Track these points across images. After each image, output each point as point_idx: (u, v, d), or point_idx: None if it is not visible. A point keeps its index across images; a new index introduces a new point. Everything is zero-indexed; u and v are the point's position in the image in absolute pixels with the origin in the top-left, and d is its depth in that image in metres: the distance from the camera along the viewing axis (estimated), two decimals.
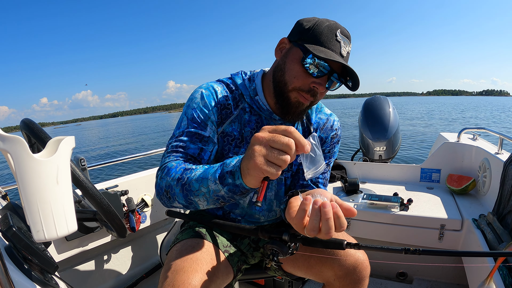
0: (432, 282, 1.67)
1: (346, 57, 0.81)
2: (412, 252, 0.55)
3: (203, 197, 0.70)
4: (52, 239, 0.43)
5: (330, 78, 0.81)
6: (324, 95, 0.86)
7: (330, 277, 0.91)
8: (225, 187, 0.66)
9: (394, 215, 1.58)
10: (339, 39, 0.79)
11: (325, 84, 0.81)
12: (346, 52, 0.80)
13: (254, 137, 0.58)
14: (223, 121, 0.91)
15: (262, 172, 0.56)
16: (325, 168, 1.01)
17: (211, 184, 0.68)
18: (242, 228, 0.87)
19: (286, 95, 0.85)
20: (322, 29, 0.79)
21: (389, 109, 2.46)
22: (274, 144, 0.56)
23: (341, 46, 0.79)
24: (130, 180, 1.60)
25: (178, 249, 0.88)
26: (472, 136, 2.12)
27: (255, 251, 1.06)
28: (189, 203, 0.74)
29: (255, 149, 0.57)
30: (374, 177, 2.16)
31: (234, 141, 0.93)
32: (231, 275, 0.94)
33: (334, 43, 0.78)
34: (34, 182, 0.40)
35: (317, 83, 0.80)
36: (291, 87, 0.83)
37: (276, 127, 0.59)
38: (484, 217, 1.38)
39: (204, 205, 0.73)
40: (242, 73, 0.96)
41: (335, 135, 1.02)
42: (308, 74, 0.80)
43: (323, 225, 0.57)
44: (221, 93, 0.92)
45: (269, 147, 0.56)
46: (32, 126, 0.83)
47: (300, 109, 0.87)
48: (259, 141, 0.57)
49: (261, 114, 0.93)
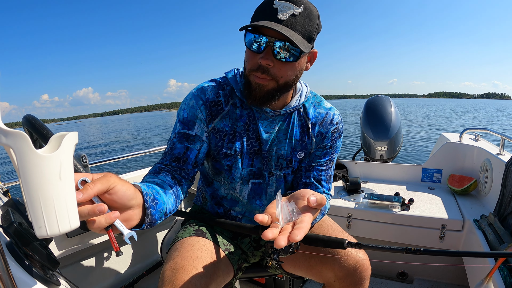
0: (432, 283, 1.67)
1: (290, 20, 0.75)
2: (414, 252, 0.55)
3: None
4: (55, 235, 0.43)
5: (275, 47, 0.77)
6: (285, 70, 0.80)
7: (331, 278, 0.91)
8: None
9: (395, 215, 1.58)
10: (276, 6, 0.75)
11: (271, 57, 0.77)
12: (288, 15, 0.75)
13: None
14: (214, 117, 0.91)
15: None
16: (327, 165, 1.01)
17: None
18: (243, 227, 0.87)
19: (248, 80, 0.84)
20: (261, 4, 0.78)
21: (391, 109, 2.45)
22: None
23: (279, 11, 0.75)
24: (132, 177, 1.60)
25: (178, 248, 0.88)
26: (474, 137, 2.11)
27: (256, 250, 1.06)
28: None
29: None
30: (375, 176, 2.16)
31: (227, 137, 0.93)
32: (231, 273, 0.94)
33: (269, 11, 0.75)
34: (36, 178, 0.40)
35: (261, 57, 0.77)
36: (247, 71, 0.83)
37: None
38: (485, 218, 1.37)
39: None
40: (235, 70, 0.97)
41: (336, 130, 0.99)
42: (253, 52, 0.79)
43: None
44: (211, 91, 0.92)
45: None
46: (34, 122, 0.83)
47: (262, 91, 0.83)
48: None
49: (252, 108, 0.92)
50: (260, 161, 0.96)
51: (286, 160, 0.97)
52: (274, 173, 0.98)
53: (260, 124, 0.93)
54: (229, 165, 0.95)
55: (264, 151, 0.95)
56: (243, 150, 0.94)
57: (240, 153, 0.94)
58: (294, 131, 0.96)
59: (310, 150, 0.99)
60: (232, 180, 0.97)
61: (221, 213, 1.04)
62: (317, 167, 0.99)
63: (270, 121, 0.94)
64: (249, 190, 0.99)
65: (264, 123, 0.93)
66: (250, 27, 0.76)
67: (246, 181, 0.97)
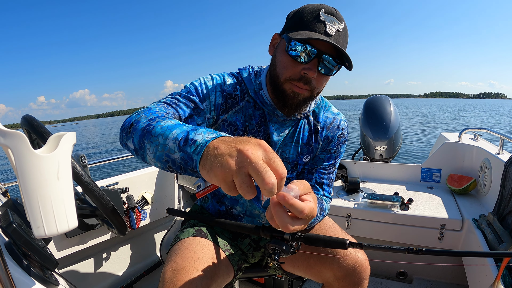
0: (432, 282, 1.67)
1: (336, 35, 0.76)
2: (415, 252, 0.55)
3: (155, 147, 0.60)
4: (53, 235, 0.42)
5: (321, 61, 0.78)
6: (322, 82, 0.83)
7: (330, 278, 0.91)
8: (180, 152, 0.55)
9: (395, 215, 1.58)
10: (323, 19, 0.75)
11: (316, 68, 0.78)
12: (335, 31, 0.76)
13: (249, 151, 0.45)
14: (228, 109, 0.91)
15: (218, 181, 0.47)
16: (330, 169, 1.00)
17: (170, 140, 0.57)
18: (243, 227, 0.86)
19: (281, 88, 0.84)
20: (303, 13, 0.78)
21: (390, 108, 2.45)
22: (255, 175, 0.44)
23: (326, 25, 0.75)
24: (131, 177, 1.60)
25: (178, 248, 0.87)
26: (473, 136, 2.12)
27: (256, 251, 1.06)
28: (139, 147, 0.64)
29: (235, 160, 0.45)
30: (374, 176, 2.16)
31: (237, 132, 0.92)
32: (231, 274, 0.94)
33: (317, 23, 0.75)
34: (34, 178, 0.40)
35: (306, 68, 0.78)
36: (283, 78, 0.82)
37: (277, 160, 0.47)
38: (485, 217, 1.38)
39: (151, 157, 0.62)
40: (250, 68, 0.96)
41: (342, 135, 1.00)
42: (296, 62, 0.78)
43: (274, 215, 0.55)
44: (230, 84, 0.91)
45: (248, 170, 0.44)
46: (33, 122, 0.82)
47: (297, 100, 0.84)
48: (248, 158, 0.44)
49: (264, 109, 0.92)
50: None
51: (291, 164, 0.97)
52: None
53: (271, 127, 0.93)
54: None
55: None
56: None
57: None
58: (301, 135, 0.96)
59: (315, 153, 0.99)
60: None
61: (223, 211, 1.03)
62: (320, 170, 0.99)
63: (281, 125, 0.94)
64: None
65: (275, 126, 0.93)
66: (299, 38, 0.75)
67: None
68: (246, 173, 0.44)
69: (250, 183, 0.45)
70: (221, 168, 0.46)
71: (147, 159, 0.64)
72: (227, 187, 0.46)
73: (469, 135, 2.15)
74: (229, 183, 0.46)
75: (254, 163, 0.44)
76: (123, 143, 0.71)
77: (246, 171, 0.44)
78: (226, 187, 0.46)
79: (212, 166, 0.47)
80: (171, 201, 1.77)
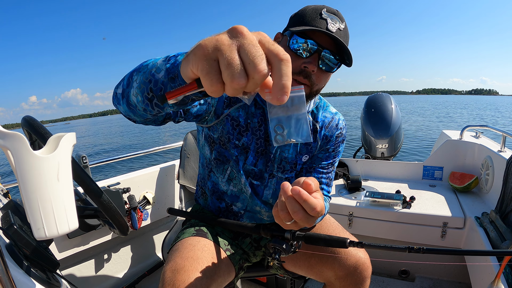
0: (434, 280, 1.67)
1: (337, 33, 0.76)
2: (416, 250, 0.55)
3: (143, 74, 0.57)
4: (53, 236, 0.42)
5: (322, 57, 0.78)
6: (322, 79, 0.83)
7: (331, 277, 0.91)
8: (167, 64, 0.53)
9: (397, 213, 1.57)
10: (325, 17, 0.76)
11: (316, 63, 0.78)
12: (336, 29, 0.77)
13: (244, 29, 0.36)
14: (231, 104, 0.91)
15: (197, 61, 0.36)
16: (328, 168, 1.00)
17: (160, 60, 0.55)
18: (243, 226, 0.86)
19: None
20: (306, 12, 0.79)
21: (391, 106, 2.44)
22: (243, 50, 0.35)
23: (328, 22, 0.76)
24: (132, 177, 1.60)
25: (179, 248, 0.88)
26: (474, 134, 2.11)
27: (257, 250, 1.06)
28: (127, 84, 0.62)
29: (224, 35, 0.36)
30: (376, 174, 2.15)
31: (238, 128, 0.92)
32: (232, 273, 0.94)
33: (319, 21, 0.76)
34: (34, 179, 0.40)
35: (306, 62, 0.78)
36: None
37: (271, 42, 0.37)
38: (487, 215, 1.37)
39: (134, 90, 0.59)
40: None
41: (340, 134, 1.00)
42: (297, 56, 0.79)
43: (287, 205, 0.56)
44: None
45: (239, 45, 0.35)
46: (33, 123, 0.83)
47: None
48: (242, 34, 0.36)
49: (264, 108, 0.92)
50: (264, 163, 0.96)
51: (290, 164, 0.97)
52: (275, 175, 0.98)
53: None
54: (237, 156, 0.94)
55: (271, 153, 0.94)
56: (250, 147, 0.93)
57: (248, 148, 0.93)
58: None
59: (314, 152, 0.99)
60: (239, 172, 0.96)
61: (223, 208, 1.03)
62: (318, 169, 0.99)
63: None
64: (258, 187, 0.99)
65: None
66: (301, 30, 0.75)
67: (246, 177, 0.97)
68: (237, 49, 0.35)
69: (242, 64, 0.35)
70: (204, 43, 0.36)
71: (130, 97, 0.61)
72: (208, 69, 0.35)
73: (470, 133, 2.15)
74: (212, 62, 0.35)
75: (250, 38, 0.35)
76: (114, 94, 0.68)
77: (237, 45, 0.35)
78: (207, 69, 0.35)
79: (193, 50, 0.38)
80: (172, 201, 1.77)
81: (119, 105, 0.68)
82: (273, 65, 0.36)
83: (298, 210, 0.55)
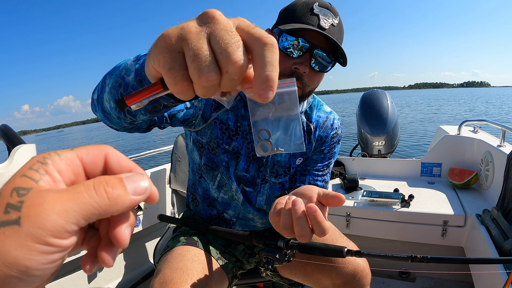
0: (435, 280, 1.63)
1: (330, 30, 0.71)
2: (420, 260, 0.50)
3: (114, 77, 0.52)
4: None
5: (314, 56, 0.73)
6: (315, 79, 0.78)
7: (328, 285, 0.86)
8: (136, 65, 0.49)
9: (396, 212, 1.53)
10: (317, 12, 0.71)
11: (308, 63, 0.73)
12: (329, 24, 0.71)
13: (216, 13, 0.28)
14: (219, 107, 0.85)
15: (160, 60, 0.28)
16: (324, 170, 0.96)
17: (131, 60, 0.51)
18: (235, 234, 0.81)
19: None
20: (296, 7, 0.74)
21: (387, 102, 2.41)
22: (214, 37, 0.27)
23: (320, 18, 0.71)
24: None
25: (168, 258, 0.83)
26: (473, 129, 2.07)
27: (251, 257, 1.01)
28: (101, 89, 0.57)
29: (192, 22, 0.29)
30: (373, 172, 2.11)
31: (228, 132, 0.87)
32: (225, 282, 0.89)
33: (310, 16, 0.71)
34: None
35: (297, 63, 0.73)
36: None
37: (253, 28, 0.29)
38: (488, 212, 1.33)
39: (106, 92, 0.54)
40: None
41: (336, 134, 0.95)
42: (287, 56, 0.74)
43: (295, 226, 0.51)
44: None
45: (210, 31, 0.28)
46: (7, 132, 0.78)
47: None
48: (214, 18, 0.28)
49: None
50: (256, 168, 0.91)
51: (284, 168, 0.93)
52: (268, 180, 0.93)
53: None
54: (227, 161, 0.89)
55: (263, 157, 0.89)
56: (241, 151, 0.88)
57: (238, 153, 0.88)
58: None
59: (308, 154, 0.94)
60: (229, 178, 0.91)
61: (215, 215, 0.98)
62: (313, 172, 0.94)
63: None
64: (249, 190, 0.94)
65: None
66: (290, 29, 0.70)
67: (238, 184, 0.92)
68: (207, 36, 0.28)
69: (212, 56, 0.27)
70: (167, 33, 0.29)
71: (104, 103, 0.56)
72: (171, 63, 0.28)
73: (469, 128, 2.11)
74: (175, 55, 0.28)
75: (223, 23, 0.28)
76: (91, 100, 0.63)
77: (207, 32, 0.28)
78: (170, 63, 0.28)
79: (155, 41, 0.30)
80: (164, 206, 1.72)
81: (96, 112, 0.63)
82: (254, 52, 0.28)
83: (307, 235, 0.50)
